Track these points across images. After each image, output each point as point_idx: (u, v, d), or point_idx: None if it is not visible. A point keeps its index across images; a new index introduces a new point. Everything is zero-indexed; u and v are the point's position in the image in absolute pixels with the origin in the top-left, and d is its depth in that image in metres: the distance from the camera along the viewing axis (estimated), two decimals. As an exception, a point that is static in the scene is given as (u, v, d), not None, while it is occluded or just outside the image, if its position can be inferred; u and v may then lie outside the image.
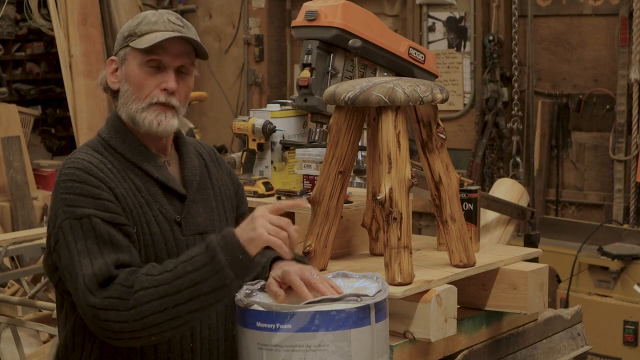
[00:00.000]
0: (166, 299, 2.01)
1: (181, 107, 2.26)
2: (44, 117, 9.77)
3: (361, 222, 2.73)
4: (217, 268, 2.02)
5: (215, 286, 2.02)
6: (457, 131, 6.65)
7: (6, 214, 6.57)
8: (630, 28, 5.94)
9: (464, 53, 6.66)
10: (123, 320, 2.01)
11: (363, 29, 2.91)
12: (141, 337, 2.04)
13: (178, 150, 2.35)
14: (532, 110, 6.06)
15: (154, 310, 2.01)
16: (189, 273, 2.02)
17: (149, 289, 2.02)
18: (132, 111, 2.23)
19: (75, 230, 2.10)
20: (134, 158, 2.23)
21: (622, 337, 5.23)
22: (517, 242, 4.42)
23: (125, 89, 2.25)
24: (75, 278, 2.07)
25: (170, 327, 2.03)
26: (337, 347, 2.05)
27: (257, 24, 7.88)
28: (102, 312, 2.02)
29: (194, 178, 2.30)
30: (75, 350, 2.22)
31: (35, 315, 4.66)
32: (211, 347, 2.26)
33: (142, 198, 2.20)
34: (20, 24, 9.24)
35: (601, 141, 6.24)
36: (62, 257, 2.11)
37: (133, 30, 2.25)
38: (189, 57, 2.26)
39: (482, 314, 2.65)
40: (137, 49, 2.22)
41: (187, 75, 2.28)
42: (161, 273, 2.04)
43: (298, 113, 3.14)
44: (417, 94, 2.40)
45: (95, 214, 2.11)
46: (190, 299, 2.01)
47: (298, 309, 2.06)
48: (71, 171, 2.15)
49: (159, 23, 2.24)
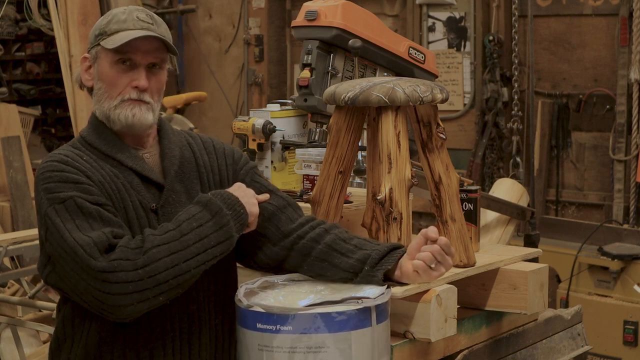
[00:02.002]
0: (177, 255, 2.10)
1: (154, 102, 2.29)
2: (44, 117, 9.77)
3: (361, 222, 2.73)
4: (223, 222, 2.17)
5: (221, 239, 2.16)
6: (457, 131, 6.65)
7: (6, 214, 6.57)
8: (630, 28, 5.94)
9: (464, 53, 6.66)
10: (136, 279, 2.06)
11: (363, 29, 2.91)
12: (150, 299, 2.09)
13: (160, 143, 2.36)
14: (532, 110, 6.07)
15: (166, 267, 2.08)
16: (196, 229, 2.14)
17: (160, 246, 2.10)
18: (105, 109, 2.27)
19: (61, 213, 2.13)
20: (108, 150, 2.27)
21: (622, 337, 5.23)
22: (517, 242, 4.42)
23: (98, 87, 2.29)
24: (73, 252, 2.08)
25: (178, 282, 2.11)
26: (338, 349, 2.05)
27: (257, 24, 7.88)
28: (111, 274, 2.06)
29: (172, 167, 2.31)
30: (66, 341, 2.25)
31: (35, 315, 4.66)
32: (191, 337, 2.27)
33: (121, 184, 2.23)
34: (20, 24, 9.24)
35: (601, 141, 6.24)
36: (54, 241, 2.13)
37: (103, 29, 2.27)
38: (160, 53, 2.28)
39: (482, 314, 2.65)
40: (108, 49, 2.25)
41: (159, 70, 2.30)
42: (166, 232, 2.13)
43: (298, 113, 3.14)
44: (417, 94, 2.40)
45: (79, 195, 2.14)
46: (198, 253, 2.13)
47: (299, 310, 2.07)
48: (48, 164, 2.20)
49: (128, 21, 2.26)
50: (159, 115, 2.35)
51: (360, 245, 2.28)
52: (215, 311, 2.30)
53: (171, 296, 2.14)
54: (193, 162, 2.36)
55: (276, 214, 2.34)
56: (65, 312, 2.26)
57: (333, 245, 2.28)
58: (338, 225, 2.37)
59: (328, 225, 2.34)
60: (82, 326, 2.22)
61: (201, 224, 2.15)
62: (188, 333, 2.26)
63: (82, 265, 2.07)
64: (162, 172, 2.31)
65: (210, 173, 2.38)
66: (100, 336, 2.20)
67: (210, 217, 2.17)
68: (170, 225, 2.15)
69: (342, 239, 2.29)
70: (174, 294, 2.14)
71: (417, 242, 2.21)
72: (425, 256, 2.17)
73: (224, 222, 2.17)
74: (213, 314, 2.31)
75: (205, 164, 2.38)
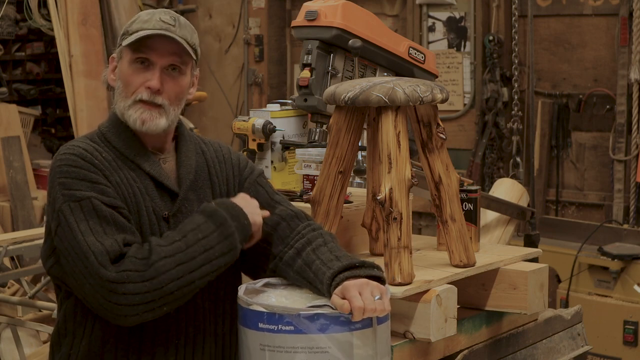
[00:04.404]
0: (183, 266, 2.11)
1: (169, 106, 2.25)
2: (44, 117, 9.77)
3: (361, 222, 2.73)
4: (228, 233, 2.17)
5: (225, 250, 2.17)
6: (457, 131, 6.65)
7: (6, 214, 6.57)
8: (630, 28, 5.94)
9: (464, 53, 6.66)
10: (144, 291, 2.07)
11: (363, 29, 2.91)
12: (155, 309, 2.10)
13: (177, 149, 2.35)
14: (532, 110, 6.07)
15: (172, 279, 2.09)
16: (201, 240, 2.14)
17: (167, 258, 2.10)
18: (122, 108, 2.26)
19: (75, 212, 2.12)
20: (127, 152, 2.25)
21: (622, 337, 5.23)
22: (517, 242, 4.42)
23: (118, 85, 2.28)
24: (84, 256, 2.09)
25: (183, 293, 2.12)
26: (339, 349, 2.05)
27: (257, 24, 7.88)
28: (119, 285, 2.06)
29: (188, 176, 2.30)
30: (67, 336, 2.25)
31: (35, 315, 4.66)
32: (196, 345, 2.27)
33: (137, 189, 2.22)
34: (20, 24, 9.24)
35: (601, 141, 6.23)
36: (65, 239, 2.13)
37: (126, 29, 2.27)
38: (180, 57, 2.25)
39: (482, 314, 2.65)
40: (126, 47, 2.24)
41: (180, 74, 2.27)
42: (172, 243, 2.13)
43: (298, 113, 3.14)
44: (417, 94, 2.40)
45: (95, 196, 2.14)
46: (203, 265, 2.13)
47: (301, 310, 2.07)
48: (66, 157, 2.18)
49: (151, 22, 2.24)
50: (177, 119, 2.31)
51: (326, 261, 2.21)
52: (220, 318, 2.31)
53: (175, 306, 2.15)
54: (206, 171, 2.35)
55: (280, 224, 2.33)
56: (68, 306, 2.26)
57: (308, 261, 2.24)
58: (322, 233, 2.32)
59: (310, 235, 2.29)
60: (85, 322, 2.22)
61: (206, 235, 2.15)
62: (193, 339, 2.26)
63: (91, 272, 2.08)
64: (177, 180, 2.29)
65: (222, 184, 2.37)
66: (103, 335, 2.20)
67: (215, 227, 2.17)
68: (176, 235, 2.15)
69: (310, 261, 2.23)
70: (178, 304, 2.15)
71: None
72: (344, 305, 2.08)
73: (228, 233, 2.17)
74: (220, 322, 2.31)
75: (218, 174, 2.37)
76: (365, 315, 2.05)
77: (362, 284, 2.10)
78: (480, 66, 6.57)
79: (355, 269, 2.14)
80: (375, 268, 2.17)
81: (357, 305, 2.04)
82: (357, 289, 2.08)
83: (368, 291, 2.08)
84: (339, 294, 2.09)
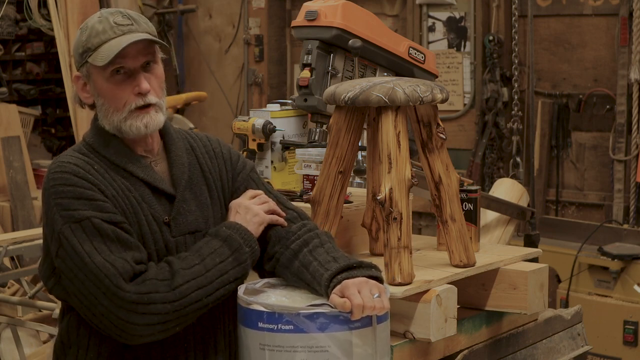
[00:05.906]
0: (201, 290, 2.15)
1: (160, 99, 2.24)
2: (44, 117, 9.77)
3: (361, 222, 2.73)
4: (242, 259, 2.22)
5: (238, 275, 2.21)
6: (457, 131, 6.65)
7: (6, 214, 6.56)
8: (630, 28, 5.94)
9: (464, 53, 6.66)
10: (164, 312, 2.10)
11: (363, 29, 2.91)
12: (169, 329, 2.13)
13: (166, 148, 2.32)
14: (532, 110, 6.06)
15: (191, 302, 2.13)
16: (218, 264, 2.18)
17: (189, 282, 2.14)
18: (116, 122, 2.22)
19: (77, 233, 2.10)
20: (117, 160, 2.22)
21: (622, 337, 5.23)
22: (517, 242, 4.42)
23: (100, 102, 2.24)
24: (95, 278, 2.08)
25: (196, 315, 2.17)
26: (339, 349, 2.05)
27: (257, 24, 7.88)
28: (141, 306, 2.08)
29: (182, 176, 2.28)
30: (72, 347, 2.23)
31: (35, 315, 4.66)
32: (206, 348, 2.27)
33: (133, 198, 2.20)
34: (20, 24, 9.25)
35: (601, 141, 6.23)
36: (69, 261, 2.11)
37: (86, 45, 2.20)
38: (150, 49, 2.22)
39: (482, 314, 2.65)
40: (98, 66, 2.19)
41: (155, 65, 2.24)
42: (192, 266, 2.15)
43: (298, 113, 3.14)
44: (417, 94, 2.40)
45: (95, 215, 2.11)
46: (218, 289, 2.18)
47: (300, 309, 2.07)
48: (59, 175, 2.15)
49: (107, 30, 2.18)
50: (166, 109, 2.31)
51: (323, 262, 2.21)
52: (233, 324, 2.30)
53: (184, 326, 2.18)
54: (198, 168, 2.33)
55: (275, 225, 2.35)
56: (71, 318, 2.24)
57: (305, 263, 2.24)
58: (318, 233, 2.32)
59: (307, 236, 2.29)
60: (88, 336, 2.20)
61: (222, 260, 2.20)
62: (202, 343, 2.27)
63: (107, 294, 2.08)
64: (172, 181, 2.27)
65: (216, 180, 2.35)
66: (113, 346, 2.19)
67: (230, 253, 2.21)
68: (195, 258, 2.17)
69: (307, 263, 2.23)
70: (187, 324, 2.19)
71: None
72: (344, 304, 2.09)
73: (242, 260, 2.22)
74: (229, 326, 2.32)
75: (210, 169, 2.35)
76: (364, 313, 2.06)
77: (361, 282, 2.10)
78: (480, 66, 6.57)
79: (353, 270, 2.14)
80: (373, 268, 2.18)
81: (357, 303, 2.05)
82: (356, 287, 2.08)
83: (367, 289, 2.09)
84: (338, 292, 2.09)
